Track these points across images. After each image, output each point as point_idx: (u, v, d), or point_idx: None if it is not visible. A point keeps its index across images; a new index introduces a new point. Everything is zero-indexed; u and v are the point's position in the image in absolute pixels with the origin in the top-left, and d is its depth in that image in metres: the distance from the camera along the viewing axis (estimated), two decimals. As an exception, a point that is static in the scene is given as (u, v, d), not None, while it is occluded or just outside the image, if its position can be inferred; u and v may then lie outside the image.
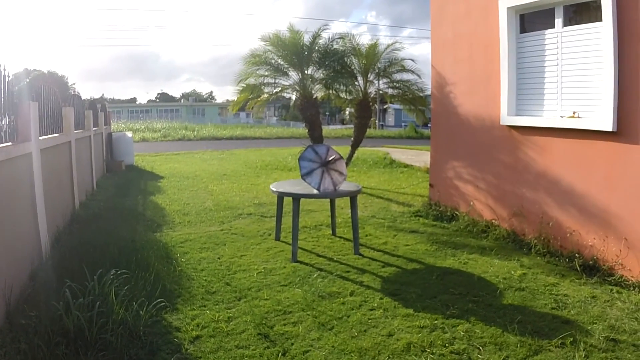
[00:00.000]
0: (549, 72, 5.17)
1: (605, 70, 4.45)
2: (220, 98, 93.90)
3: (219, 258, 5.06)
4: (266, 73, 9.01)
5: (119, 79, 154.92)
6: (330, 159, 5.05)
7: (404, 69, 9.51)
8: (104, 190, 8.76)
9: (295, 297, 3.95)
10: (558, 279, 4.50)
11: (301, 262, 4.91)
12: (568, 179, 5.01)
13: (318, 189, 4.98)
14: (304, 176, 5.02)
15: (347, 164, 10.49)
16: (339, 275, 4.50)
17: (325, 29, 9.04)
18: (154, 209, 7.30)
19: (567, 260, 4.86)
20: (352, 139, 10.24)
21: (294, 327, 3.42)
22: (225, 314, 3.65)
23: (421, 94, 9.44)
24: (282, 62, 8.96)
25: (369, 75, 9.63)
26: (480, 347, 3.17)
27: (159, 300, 3.55)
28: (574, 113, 4.89)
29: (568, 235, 4.96)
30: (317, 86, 9.36)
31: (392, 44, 9.27)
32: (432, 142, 7.30)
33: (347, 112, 44.22)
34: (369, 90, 9.81)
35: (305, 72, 9.09)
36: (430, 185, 7.39)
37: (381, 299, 3.96)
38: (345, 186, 5.20)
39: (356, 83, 9.58)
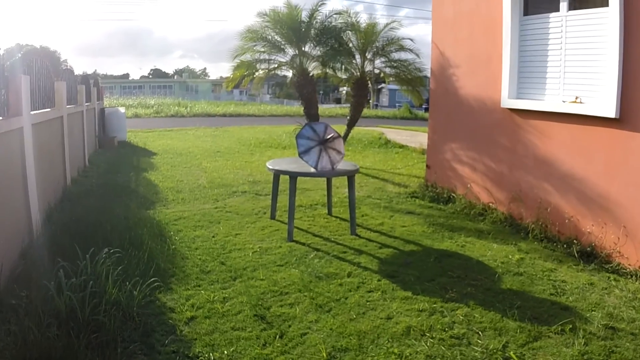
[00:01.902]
0: (552, 56, 5.06)
1: (610, 57, 4.35)
2: (213, 75, 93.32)
3: (213, 236, 4.99)
4: (263, 49, 8.81)
5: (112, 54, 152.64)
6: (328, 137, 4.94)
7: (402, 48, 9.33)
8: (96, 167, 8.60)
9: (291, 278, 3.90)
10: (556, 264, 4.47)
11: (297, 242, 4.84)
12: (568, 164, 4.95)
13: (315, 168, 4.89)
14: (301, 154, 4.92)
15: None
16: (335, 256, 4.45)
17: (322, 4, 8.81)
18: (147, 185, 7.18)
19: (564, 246, 4.83)
20: (347, 117, 10.11)
21: (291, 309, 3.37)
22: (220, 294, 3.59)
23: (419, 74, 9.29)
24: (278, 39, 8.75)
25: (367, 54, 9.44)
26: (480, 332, 3.14)
27: (152, 279, 3.48)
28: (577, 98, 4.80)
29: (566, 221, 4.92)
30: (313, 63, 9.18)
31: (390, 22, 9.08)
32: (430, 122, 7.21)
33: (342, 91, 43.76)
34: (367, 69, 9.62)
35: (303, 48, 8.89)
36: (427, 166, 7.32)
37: (379, 280, 3.92)
38: (342, 165, 5.11)
39: (354, 61, 9.40)
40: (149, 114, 18.25)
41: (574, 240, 4.80)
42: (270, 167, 5.19)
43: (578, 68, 4.80)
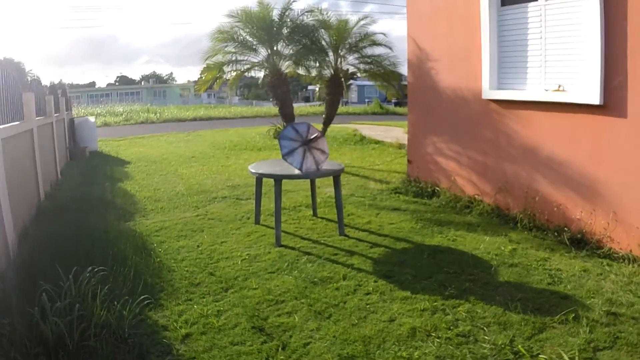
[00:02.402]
0: (532, 46, 5.07)
1: (592, 44, 4.37)
2: (180, 79, 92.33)
3: (198, 246, 4.80)
4: (234, 50, 8.60)
5: (77, 63, 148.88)
6: (311, 137, 4.83)
7: (375, 43, 9.30)
8: (69, 179, 8.24)
9: (286, 285, 3.77)
10: (548, 253, 4.48)
11: (286, 247, 4.71)
12: (554, 152, 4.97)
13: (300, 169, 4.76)
14: (285, 156, 4.78)
15: (320, 142, 10.31)
16: (327, 259, 4.34)
17: (293, 1, 8.68)
18: (124, 196, 6.91)
19: (554, 234, 4.85)
20: (323, 116, 10.01)
21: (290, 318, 3.24)
22: (213, 307, 3.42)
23: (393, 69, 9.26)
24: (250, 39, 8.57)
25: (339, 50, 9.36)
26: (485, 328, 3.09)
27: (142, 297, 3.28)
28: (559, 86, 4.82)
29: (555, 209, 4.94)
30: (286, 63, 9.03)
31: (363, 18, 9.03)
32: (410, 117, 7.17)
33: (315, 90, 43.56)
34: (340, 66, 9.54)
35: (275, 48, 8.73)
36: (408, 161, 7.29)
37: (375, 281, 3.83)
38: (327, 165, 5.00)
39: (327, 59, 9.30)
40: (119, 122, 17.72)
41: (564, 228, 4.82)
42: (253, 170, 5.04)
43: (559, 56, 4.81)
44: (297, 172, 4.80)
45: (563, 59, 4.79)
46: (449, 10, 6.02)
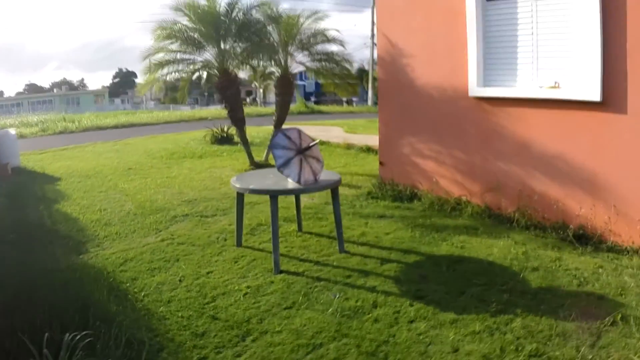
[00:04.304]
0: (523, 42, 4.93)
1: (590, 40, 4.31)
2: (92, 85, 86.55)
3: (180, 281, 4.06)
4: (178, 48, 7.72)
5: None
6: (307, 145, 4.28)
7: (327, 40, 8.86)
8: (-8, 204, 6.89)
9: (314, 323, 3.21)
10: (557, 252, 4.37)
11: (287, 272, 4.13)
12: (549, 149, 4.87)
13: (298, 182, 4.19)
14: (280, 168, 4.19)
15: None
16: (344, 284, 3.83)
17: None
18: (66, 221, 5.85)
19: (555, 231, 4.75)
20: (274, 118, 9.41)
21: (341, 366, 2.71)
22: (239, 363, 2.79)
23: (348, 67, 8.89)
24: (196, 36, 7.73)
25: (289, 48, 8.81)
26: (548, 343, 2.88)
27: None
28: (556, 83, 4.70)
29: (554, 206, 4.83)
30: (235, 62, 8.31)
31: (315, 13, 8.54)
32: (381, 116, 6.82)
33: (257, 89, 42.06)
34: (290, 65, 9.00)
35: (223, 47, 7.98)
36: (380, 163, 6.94)
37: (411, 305, 3.40)
38: (324, 175, 4.48)
39: (277, 57, 8.71)
40: (35, 133, 15.65)
41: (563, 225, 4.74)
42: (239, 185, 4.37)
43: (553, 53, 4.71)
44: (294, 185, 4.22)
45: (557, 55, 4.69)
46: (427, 4, 5.73)
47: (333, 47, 8.87)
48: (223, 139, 12.32)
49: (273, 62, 8.68)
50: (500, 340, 2.91)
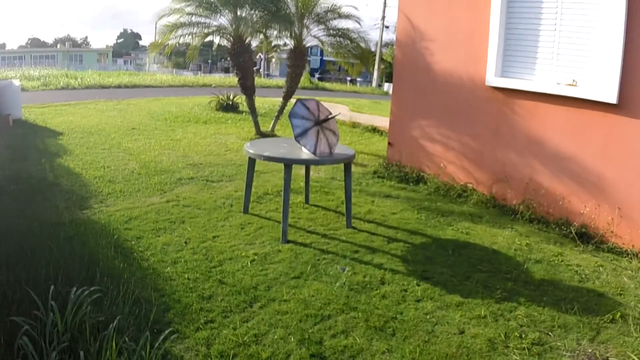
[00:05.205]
0: (545, 37, 4.88)
1: (612, 43, 4.28)
2: (95, 44, 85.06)
3: (186, 242, 4.07)
4: (193, 11, 7.57)
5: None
6: (324, 116, 4.26)
7: (342, 16, 8.72)
8: (-7, 154, 6.81)
9: (322, 294, 3.24)
10: (559, 248, 4.43)
11: (295, 243, 4.15)
12: (561, 146, 4.87)
13: (314, 153, 4.17)
14: (297, 137, 4.16)
15: (278, 117, 9.63)
16: (352, 258, 3.86)
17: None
18: (68, 175, 5.81)
19: (559, 227, 4.80)
20: (284, 89, 9.33)
21: (349, 339, 2.75)
22: (246, 330, 2.78)
23: (363, 45, 8.78)
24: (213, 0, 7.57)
25: (305, 20, 8.67)
26: (550, 333, 2.95)
27: (154, 327, 2.62)
28: (574, 81, 4.67)
29: (559, 202, 4.86)
30: (250, 29, 8.17)
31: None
32: (394, 97, 6.78)
33: (260, 59, 41.57)
34: (304, 38, 8.86)
35: (239, 13, 7.84)
36: (389, 143, 6.93)
37: (418, 285, 3.45)
38: (338, 149, 4.47)
39: (292, 28, 8.57)
40: (37, 87, 15.35)
41: (566, 221, 4.78)
42: (253, 151, 4.33)
43: (574, 51, 4.67)
44: (308, 156, 4.20)
45: (578, 53, 4.66)
46: (452, -14, 5.65)
47: (349, 24, 8.74)
48: (228, 107, 12.21)
49: (288, 34, 8.54)
50: (504, 327, 2.97)
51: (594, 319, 3.13)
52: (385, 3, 34.29)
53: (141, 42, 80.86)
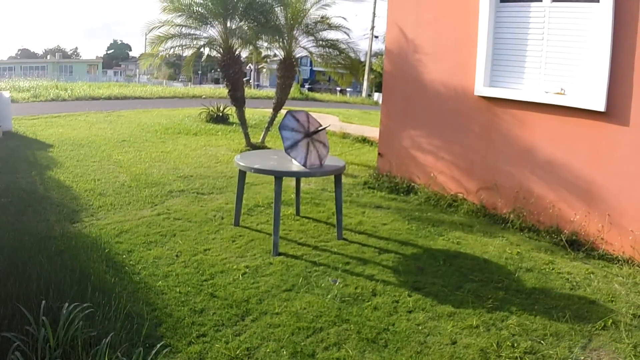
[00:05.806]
0: (532, 46, 4.96)
1: (600, 52, 4.36)
2: (85, 55, 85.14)
3: (177, 256, 4.05)
4: (183, 23, 7.59)
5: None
6: (315, 128, 4.28)
7: (331, 27, 8.79)
8: (-19, 166, 6.74)
9: (314, 307, 3.23)
10: (550, 256, 4.45)
11: (286, 255, 4.14)
12: (550, 154, 4.92)
13: (304, 165, 4.18)
14: (287, 149, 4.17)
15: (268, 128, 9.64)
16: (343, 270, 3.86)
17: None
18: (59, 188, 5.76)
19: (550, 235, 4.83)
20: (274, 100, 9.36)
21: (341, 351, 2.74)
22: (238, 343, 2.78)
23: (352, 55, 8.85)
24: (202, 11, 7.60)
25: (294, 32, 8.73)
26: (542, 341, 2.96)
27: (146, 342, 2.60)
28: (562, 90, 4.74)
29: (549, 210, 4.91)
30: (240, 41, 8.21)
31: (320, -1, 8.45)
32: (383, 107, 6.83)
33: (250, 69, 41.64)
34: (294, 49, 8.92)
35: (228, 25, 7.87)
36: (379, 154, 6.96)
37: (410, 296, 3.45)
38: (328, 161, 4.48)
39: (282, 39, 8.63)
40: (26, 98, 15.25)
41: (557, 229, 4.82)
42: (243, 164, 4.35)
43: (561, 59, 4.75)
44: (295, 167, 4.22)
45: (566, 62, 4.73)
46: (440, -1, 5.72)
47: (338, 35, 8.81)
48: (218, 118, 12.21)
49: (278, 45, 8.59)
50: (496, 336, 2.98)
51: (585, 326, 3.15)
52: (374, 13, 34.65)
53: (131, 53, 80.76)
